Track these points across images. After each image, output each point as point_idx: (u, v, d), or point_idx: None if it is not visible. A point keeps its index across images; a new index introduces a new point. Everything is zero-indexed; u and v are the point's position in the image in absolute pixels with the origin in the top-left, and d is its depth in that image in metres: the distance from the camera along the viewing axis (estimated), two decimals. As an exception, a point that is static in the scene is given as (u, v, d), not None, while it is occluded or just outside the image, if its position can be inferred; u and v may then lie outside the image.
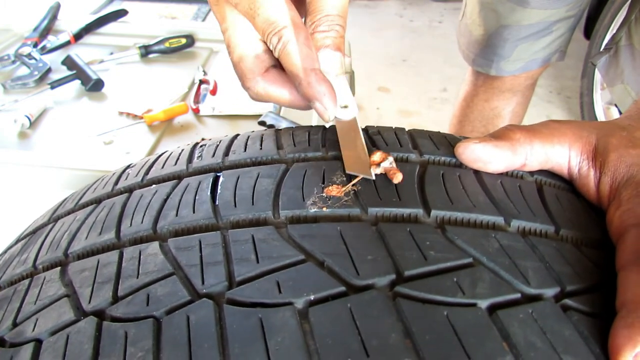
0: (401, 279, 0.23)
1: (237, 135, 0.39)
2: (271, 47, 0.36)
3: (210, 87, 1.00)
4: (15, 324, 0.26)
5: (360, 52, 2.31)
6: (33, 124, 0.90)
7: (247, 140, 0.37)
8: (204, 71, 1.05)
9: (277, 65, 0.39)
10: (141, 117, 0.91)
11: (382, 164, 0.31)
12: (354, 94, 1.02)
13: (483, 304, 0.22)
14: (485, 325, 0.21)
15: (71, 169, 0.75)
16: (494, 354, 0.20)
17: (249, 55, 0.38)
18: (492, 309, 0.22)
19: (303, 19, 0.38)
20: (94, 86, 0.99)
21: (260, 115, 0.89)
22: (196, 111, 0.94)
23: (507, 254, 0.25)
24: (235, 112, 0.94)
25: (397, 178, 0.30)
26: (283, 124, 0.86)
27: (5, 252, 0.37)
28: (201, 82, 1.02)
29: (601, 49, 0.80)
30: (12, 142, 0.86)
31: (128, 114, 0.93)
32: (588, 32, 1.99)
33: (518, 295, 0.23)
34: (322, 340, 0.20)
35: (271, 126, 0.85)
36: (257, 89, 0.39)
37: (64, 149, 0.84)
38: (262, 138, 0.37)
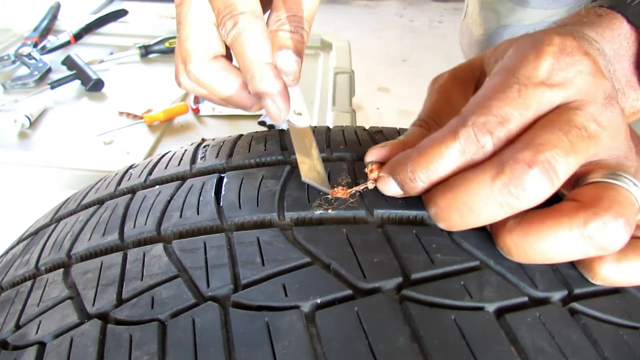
0: (408, 282, 0.23)
1: (241, 135, 0.39)
2: (224, 33, 0.32)
3: (211, 87, 1.00)
4: (18, 326, 0.25)
5: (360, 52, 2.30)
6: (33, 124, 0.90)
7: (251, 141, 0.37)
8: (204, 71, 1.05)
9: (227, 56, 0.35)
10: (141, 117, 0.91)
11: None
12: (354, 94, 1.02)
13: (490, 307, 0.22)
14: (493, 329, 0.21)
15: (71, 169, 0.75)
16: (502, 358, 0.20)
17: (199, 35, 0.34)
18: (500, 312, 0.22)
19: (266, 17, 0.35)
20: (94, 86, 0.99)
21: (260, 116, 0.89)
22: (196, 111, 0.94)
23: (514, 257, 0.25)
24: (235, 112, 0.93)
25: None
26: (283, 125, 0.85)
27: (7, 252, 0.37)
28: (202, 82, 1.01)
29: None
30: (12, 142, 0.86)
31: (128, 114, 0.93)
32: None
33: (525, 299, 0.23)
34: (329, 344, 0.20)
35: (271, 126, 0.85)
36: (199, 74, 0.35)
37: (64, 149, 0.84)
38: (266, 139, 0.37)
